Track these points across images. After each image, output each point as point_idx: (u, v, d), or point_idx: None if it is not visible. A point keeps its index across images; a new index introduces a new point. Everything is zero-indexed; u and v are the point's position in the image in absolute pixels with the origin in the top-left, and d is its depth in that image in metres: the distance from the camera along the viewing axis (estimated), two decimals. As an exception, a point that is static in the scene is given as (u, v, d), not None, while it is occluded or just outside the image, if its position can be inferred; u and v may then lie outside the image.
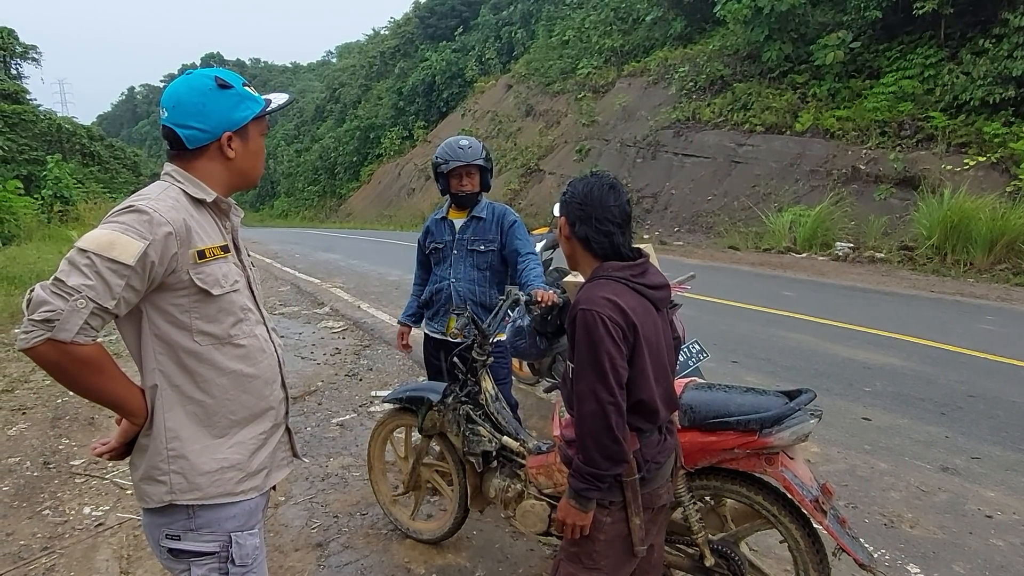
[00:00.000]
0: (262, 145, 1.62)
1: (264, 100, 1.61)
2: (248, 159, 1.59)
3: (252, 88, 1.59)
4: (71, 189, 23.56)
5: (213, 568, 1.52)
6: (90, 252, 1.30)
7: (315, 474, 3.78)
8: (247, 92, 1.56)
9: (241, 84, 1.56)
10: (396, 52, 45.36)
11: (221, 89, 1.50)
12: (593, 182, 1.77)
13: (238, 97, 1.53)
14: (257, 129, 1.59)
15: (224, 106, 1.50)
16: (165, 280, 1.40)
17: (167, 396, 1.46)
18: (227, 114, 1.51)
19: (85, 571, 2.87)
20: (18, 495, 3.59)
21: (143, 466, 1.49)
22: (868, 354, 5.62)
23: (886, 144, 12.62)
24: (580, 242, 1.78)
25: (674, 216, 16.01)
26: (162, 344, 1.45)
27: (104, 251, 1.30)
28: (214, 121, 1.49)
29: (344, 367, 5.87)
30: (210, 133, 1.49)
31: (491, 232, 3.18)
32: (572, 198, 1.78)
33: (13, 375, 5.71)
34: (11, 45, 31.33)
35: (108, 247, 1.30)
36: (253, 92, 1.59)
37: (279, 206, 51.11)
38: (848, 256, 11.12)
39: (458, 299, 3.17)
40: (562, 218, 1.80)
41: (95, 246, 1.30)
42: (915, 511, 3.20)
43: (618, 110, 20.20)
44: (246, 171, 1.60)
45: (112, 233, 1.32)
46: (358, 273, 12.02)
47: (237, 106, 1.52)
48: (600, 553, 1.79)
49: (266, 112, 1.60)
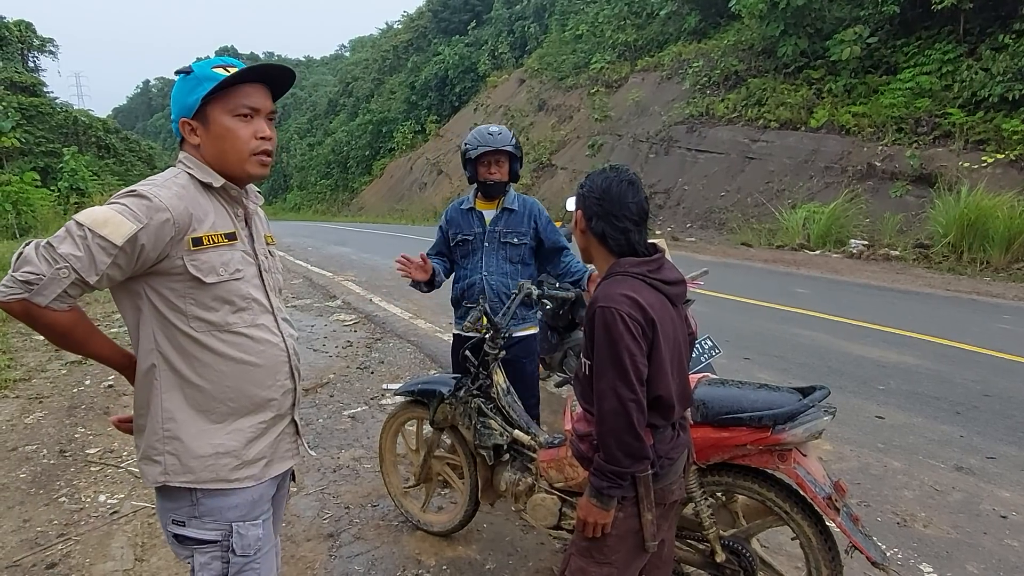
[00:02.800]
0: (233, 128, 1.48)
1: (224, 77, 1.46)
2: (212, 144, 1.49)
3: (229, 68, 1.48)
4: (87, 181, 23.79)
5: (215, 556, 1.53)
6: (86, 226, 1.32)
7: (327, 465, 3.80)
8: (211, 74, 1.45)
9: (209, 68, 1.47)
10: (409, 46, 45.44)
11: (184, 77, 1.48)
12: (612, 177, 1.75)
13: (195, 81, 1.46)
14: (223, 109, 1.48)
15: (182, 93, 1.48)
16: (159, 265, 1.41)
17: (165, 378, 1.47)
18: (183, 100, 1.47)
19: (100, 558, 2.91)
20: (35, 482, 3.63)
21: (142, 446, 1.51)
22: (882, 352, 5.58)
23: (903, 141, 12.49)
24: (596, 237, 1.76)
25: (687, 212, 15.94)
26: (161, 326, 1.46)
27: (97, 227, 1.32)
28: (176, 109, 1.49)
29: (356, 360, 5.90)
30: (175, 122, 1.50)
31: (524, 224, 3.08)
32: (590, 192, 1.76)
33: (30, 364, 5.78)
34: (29, 38, 31.67)
35: (102, 224, 1.32)
36: (224, 72, 1.46)
37: (292, 199, 51.38)
38: (862, 254, 11.03)
39: (492, 293, 3.04)
40: (578, 212, 1.78)
41: (90, 221, 1.33)
42: (929, 510, 3.17)
43: (631, 105, 20.12)
44: (217, 157, 1.50)
45: (110, 212, 1.34)
46: (370, 267, 12.07)
47: (192, 90, 1.46)
48: (612, 548, 1.79)
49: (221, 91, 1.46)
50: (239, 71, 1.48)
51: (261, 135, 1.52)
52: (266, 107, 1.54)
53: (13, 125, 24.49)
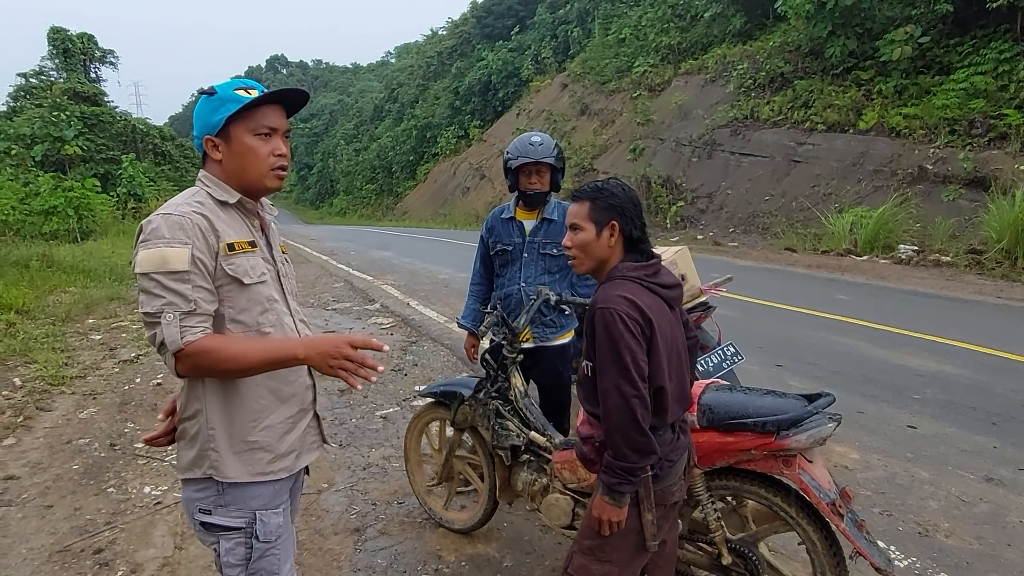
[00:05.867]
0: (254, 146, 1.60)
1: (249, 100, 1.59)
2: (234, 160, 1.61)
3: (250, 91, 1.60)
4: (144, 187, 24.86)
5: (239, 542, 1.65)
6: (151, 273, 1.46)
7: (357, 463, 3.93)
8: (233, 95, 1.57)
9: (231, 89, 1.58)
10: (453, 52, 45.93)
11: (207, 97, 1.60)
12: (621, 184, 1.86)
13: (219, 102, 1.57)
14: (245, 129, 1.59)
15: (205, 112, 1.59)
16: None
17: (208, 382, 1.59)
18: (207, 119, 1.59)
19: (143, 545, 3.10)
20: (86, 473, 3.87)
21: (186, 448, 1.64)
22: (921, 361, 5.44)
23: (955, 143, 12.07)
24: (625, 241, 1.84)
25: (729, 216, 15.72)
26: None
27: (160, 267, 1.45)
28: (199, 127, 1.60)
29: (390, 362, 6.04)
30: (198, 139, 1.61)
31: (563, 235, 3.10)
32: (626, 202, 1.82)
33: (86, 362, 6.11)
34: (91, 50, 33.10)
35: (162, 262, 1.46)
36: (246, 94, 1.58)
37: (338, 204, 52.49)
38: (912, 259, 10.70)
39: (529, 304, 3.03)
40: (612, 224, 1.81)
41: (152, 266, 1.46)
42: (952, 521, 3.11)
43: (674, 109, 19.94)
44: (238, 172, 1.62)
45: (160, 250, 1.47)
46: (409, 271, 12.28)
47: (216, 110, 1.57)
48: (612, 547, 1.84)
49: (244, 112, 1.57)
50: (260, 96, 1.60)
51: (278, 152, 1.64)
52: (282, 126, 1.66)
53: (76, 134, 25.75)
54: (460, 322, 3.41)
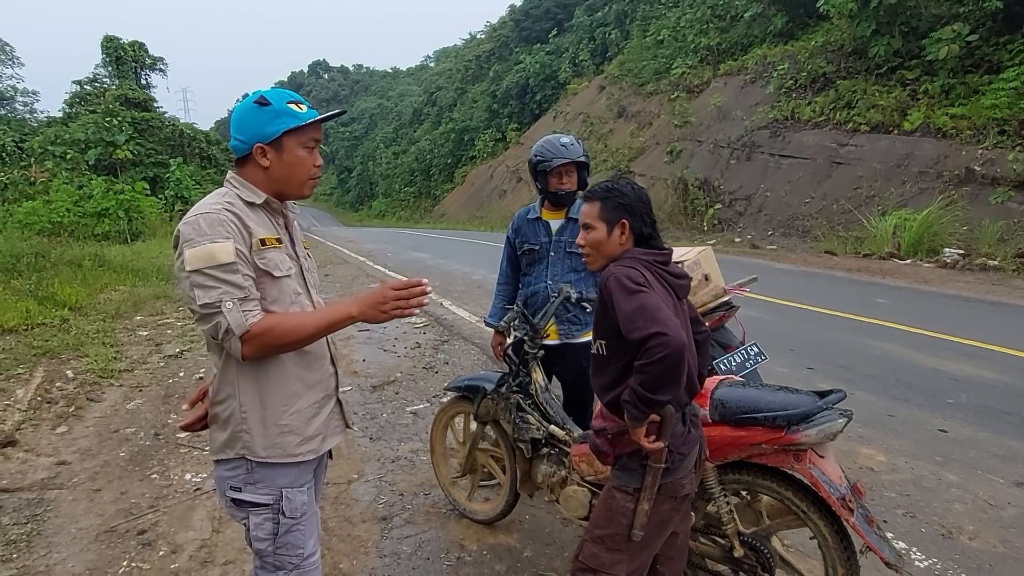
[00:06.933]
0: (303, 157, 1.75)
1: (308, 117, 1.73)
2: (283, 168, 1.74)
3: (300, 106, 1.76)
4: (190, 190, 25.61)
5: (268, 518, 1.76)
6: (203, 268, 1.58)
7: (386, 456, 4.05)
8: (288, 109, 1.72)
9: (284, 102, 1.72)
10: (491, 55, 46.25)
11: (260, 106, 1.72)
12: (631, 183, 1.93)
13: (274, 113, 1.70)
14: (297, 142, 1.73)
15: (259, 121, 1.71)
16: None
17: (241, 367, 1.71)
18: (261, 128, 1.71)
19: (183, 528, 3.26)
20: (132, 460, 4.08)
21: (218, 431, 1.77)
22: (959, 365, 5.32)
23: (1005, 144, 11.69)
24: (635, 237, 1.90)
25: (768, 219, 15.50)
26: None
27: (210, 261, 1.58)
28: (249, 134, 1.72)
29: (422, 360, 6.17)
30: (246, 144, 1.73)
31: None
32: (637, 201, 1.90)
33: (134, 357, 6.39)
34: (141, 57, 34.22)
35: (210, 257, 1.58)
36: (299, 109, 1.74)
37: (377, 206, 53.25)
38: (957, 263, 10.41)
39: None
40: (623, 223, 1.88)
41: (202, 262, 1.58)
42: (978, 524, 3.07)
43: (712, 110, 19.75)
44: (284, 179, 1.76)
45: (205, 247, 1.59)
46: (444, 272, 12.43)
47: (272, 121, 1.70)
48: (623, 536, 1.90)
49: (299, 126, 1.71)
50: (321, 117, 1.75)
51: (317, 164, 1.80)
52: (320, 139, 1.81)
53: (127, 138, 26.68)
54: (488, 321, 3.49)
